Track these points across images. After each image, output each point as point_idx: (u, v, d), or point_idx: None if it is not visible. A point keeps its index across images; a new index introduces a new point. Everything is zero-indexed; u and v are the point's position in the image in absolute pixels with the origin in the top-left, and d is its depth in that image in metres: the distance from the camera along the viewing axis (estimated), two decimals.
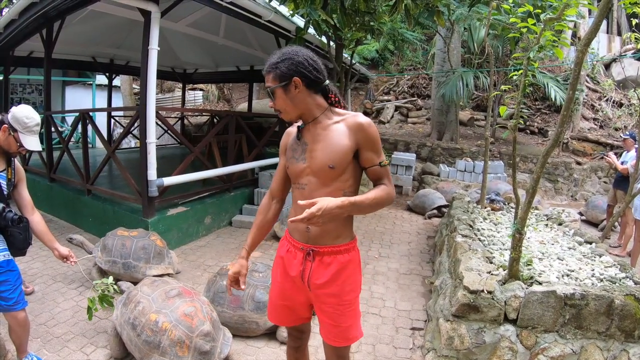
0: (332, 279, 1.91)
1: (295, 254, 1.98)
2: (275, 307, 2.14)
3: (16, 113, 2.57)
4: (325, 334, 2.01)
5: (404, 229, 6.65)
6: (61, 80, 12.00)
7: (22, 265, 4.46)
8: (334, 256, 1.92)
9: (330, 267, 1.92)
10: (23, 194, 2.79)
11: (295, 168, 1.94)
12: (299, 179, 1.94)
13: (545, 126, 12.34)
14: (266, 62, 1.87)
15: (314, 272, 1.92)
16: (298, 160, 1.93)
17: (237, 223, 6.46)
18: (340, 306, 1.95)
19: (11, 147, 2.60)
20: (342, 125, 1.87)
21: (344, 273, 1.93)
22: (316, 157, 1.87)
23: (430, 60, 13.83)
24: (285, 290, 2.06)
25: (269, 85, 1.85)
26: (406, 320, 3.76)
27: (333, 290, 1.93)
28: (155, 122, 4.81)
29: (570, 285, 2.84)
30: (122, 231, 4.31)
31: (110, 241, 4.15)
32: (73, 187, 6.30)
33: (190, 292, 3.06)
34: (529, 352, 2.77)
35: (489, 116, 5.95)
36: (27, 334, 2.87)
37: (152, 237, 4.34)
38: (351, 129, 1.85)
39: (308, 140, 1.92)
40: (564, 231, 4.46)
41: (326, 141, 1.86)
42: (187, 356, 2.69)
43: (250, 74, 11.16)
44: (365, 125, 1.85)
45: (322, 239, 1.91)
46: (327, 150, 1.85)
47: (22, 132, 2.58)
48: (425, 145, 10.63)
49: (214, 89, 17.92)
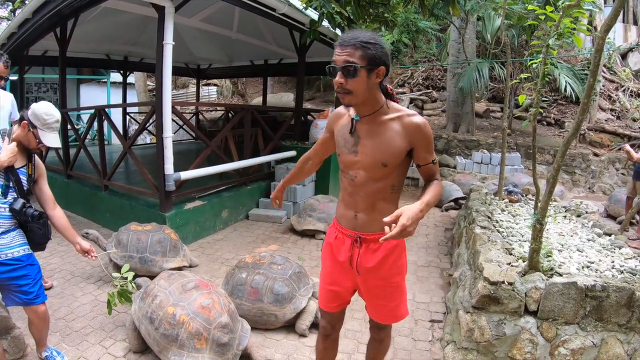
0: (379, 264, 2.01)
1: (343, 240, 2.06)
2: (325, 291, 2.23)
3: (36, 109, 2.57)
4: (374, 313, 2.19)
5: (421, 221, 6.54)
6: (76, 78, 12.13)
7: (41, 260, 4.50)
8: (380, 242, 1.96)
9: (377, 253, 2.00)
10: (44, 189, 2.81)
11: (345, 158, 1.99)
12: (348, 169, 1.99)
13: (561, 117, 12.13)
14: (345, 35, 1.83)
15: (362, 258, 2.01)
16: (350, 152, 1.96)
17: (254, 217, 6.48)
18: (388, 288, 2.08)
19: (31, 144, 2.61)
20: (397, 123, 1.89)
21: (390, 258, 2.02)
22: (368, 154, 1.91)
23: (445, 51, 13.69)
24: (334, 274, 2.16)
25: (352, 61, 1.75)
26: (425, 312, 3.74)
27: (381, 274, 2.03)
28: (171, 116, 4.83)
29: (590, 277, 2.78)
30: (136, 226, 4.32)
31: (125, 236, 4.15)
32: (90, 183, 6.37)
33: (207, 284, 3.06)
34: (549, 344, 2.72)
35: (507, 107, 5.86)
36: (47, 328, 2.90)
37: (166, 230, 4.36)
38: (407, 130, 1.88)
39: (361, 134, 1.94)
40: (582, 223, 4.38)
41: (380, 138, 1.90)
42: (205, 348, 2.70)
43: (264, 68, 11.16)
44: (422, 126, 1.88)
45: (369, 227, 1.98)
46: (381, 148, 1.89)
47: (42, 129, 2.58)
48: (441, 137, 10.53)
49: (228, 84, 17.96)
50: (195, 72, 12.61)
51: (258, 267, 3.53)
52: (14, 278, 2.59)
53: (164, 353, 2.73)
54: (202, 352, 2.69)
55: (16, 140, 2.58)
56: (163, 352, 2.73)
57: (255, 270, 3.50)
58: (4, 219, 2.54)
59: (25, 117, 2.57)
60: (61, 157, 6.75)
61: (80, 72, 12.23)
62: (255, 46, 8.86)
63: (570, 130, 2.73)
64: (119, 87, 11.79)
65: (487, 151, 9.46)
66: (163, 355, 2.73)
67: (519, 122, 11.87)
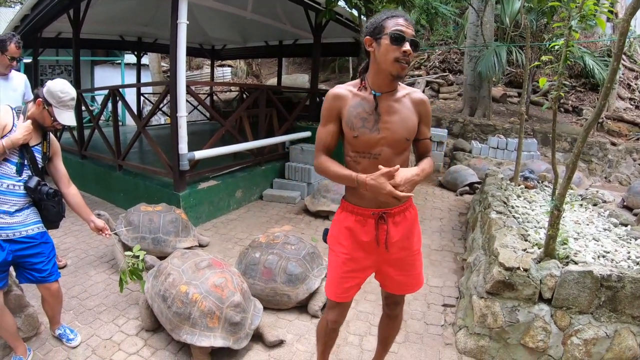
0: (404, 235, 2.08)
1: (365, 221, 2.04)
2: (340, 280, 2.15)
3: (51, 87, 2.54)
4: (395, 287, 2.23)
5: (435, 205, 6.56)
6: (90, 60, 12.13)
7: (55, 239, 4.52)
8: (402, 214, 2.06)
9: (401, 225, 2.06)
10: (59, 167, 2.80)
11: (368, 138, 1.95)
12: (370, 149, 1.97)
13: (579, 104, 11.89)
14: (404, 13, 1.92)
15: (391, 233, 2.03)
16: (372, 131, 1.94)
17: (268, 197, 6.49)
18: (411, 257, 2.16)
19: (45, 121, 2.59)
20: (407, 99, 1.99)
21: (412, 227, 2.13)
22: (393, 130, 1.95)
23: (462, 35, 13.45)
24: (356, 259, 2.11)
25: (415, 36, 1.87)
26: (438, 296, 3.73)
27: (406, 244, 2.11)
28: (185, 96, 4.81)
29: (606, 266, 2.73)
30: (146, 206, 4.31)
31: (136, 217, 4.15)
32: (104, 163, 6.40)
33: (220, 263, 3.07)
34: (562, 333, 2.69)
35: (525, 91, 5.74)
36: (60, 306, 2.94)
37: (176, 211, 4.37)
38: (415, 104, 1.99)
39: (382, 111, 1.95)
40: (599, 212, 4.31)
41: (401, 114, 1.96)
42: (218, 327, 2.72)
43: (279, 48, 11.04)
44: (426, 101, 2.04)
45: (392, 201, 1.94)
46: (404, 124, 1.96)
47: (57, 107, 2.56)
48: (457, 121, 10.40)
49: (242, 65, 17.88)
50: (209, 53, 12.55)
51: (272, 247, 3.53)
52: (28, 256, 2.61)
53: (176, 331, 2.75)
54: (214, 331, 2.70)
55: (31, 118, 2.56)
56: (175, 330, 2.75)
57: (268, 250, 3.50)
58: (19, 197, 2.53)
59: (40, 94, 2.54)
60: (75, 138, 6.78)
61: (94, 54, 12.22)
62: (270, 26, 8.76)
63: (592, 115, 2.66)
64: (133, 69, 11.80)
65: (503, 136, 9.32)
66: (175, 333, 2.75)
67: (536, 108, 11.68)
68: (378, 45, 1.87)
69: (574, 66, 11.29)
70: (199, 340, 2.66)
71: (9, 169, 2.47)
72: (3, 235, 2.48)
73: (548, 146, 9.67)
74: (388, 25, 1.84)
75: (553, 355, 2.72)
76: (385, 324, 2.46)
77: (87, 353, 2.86)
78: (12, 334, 2.61)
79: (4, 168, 2.46)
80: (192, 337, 2.67)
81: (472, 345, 2.90)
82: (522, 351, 2.78)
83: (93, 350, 2.89)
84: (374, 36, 1.88)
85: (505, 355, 2.83)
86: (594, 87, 12.04)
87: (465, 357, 2.91)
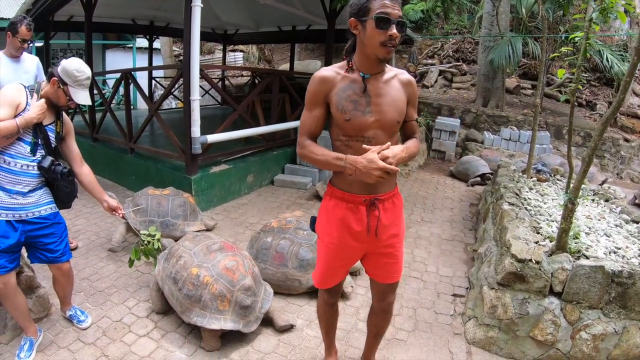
0: (393, 221, 2.06)
1: (357, 209, 1.99)
2: (330, 271, 2.18)
3: (67, 66, 2.51)
4: (386, 276, 2.17)
5: (447, 194, 6.55)
6: (101, 44, 12.09)
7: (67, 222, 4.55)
8: (391, 201, 2.04)
9: (389, 211, 2.04)
10: (72, 147, 2.79)
11: (360, 121, 1.88)
12: (363, 132, 1.90)
13: (594, 99, 11.73)
14: None
15: (382, 220, 2.00)
16: (364, 114, 1.88)
17: (279, 182, 6.50)
18: (399, 243, 2.13)
19: (60, 101, 2.57)
20: (396, 80, 1.96)
21: (399, 212, 2.11)
22: (384, 112, 1.90)
23: (477, 24, 13.29)
24: (347, 248, 2.08)
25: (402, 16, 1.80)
26: (448, 286, 3.74)
27: (395, 230, 2.08)
28: (199, 79, 4.79)
29: (617, 262, 2.72)
30: (153, 190, 4.28)
31: (144, 201, 4.09)
32: (116, 146, 6.42)
33: (231, 246, 3.07)
34: (571, 327, 2.69)
35: (540, 82, 5.66)
36: (71, 286, 2.95)
37: (184, 194, 4.36)
38: (404, 85, 1.96)
39: (372, 93, 1.89)
40: (610, 208, 4.27)
41: (391, 96, 1.91)
42: (228, 310, 2.73)
43: (292, 34, 10.96)
44: (413, 83, 2.00)
45: (381, 187, 1.98)
46: (395, 105, 1.92)
47: (73, 86, 2.53)
48: (470, 111, 10.32)
49: (254, 50, 17.80)
50: (222, 38, 12.48)
51: (283, 232, 3.54)
52: (41, 236, 2.61)
53: (186, 313, 2.76)
54: (225, 314, 2.72)
55: (44, 97, 2.53)
56: (186, 312, 2.77)
57: (280, 235, 3.51)
58: (32, 177, 2.52)
59: (55, 73, 2.51)
60: (87, 121, 6.79)
61: (106, 38, 12.16)
62: (283, 11, 8.67)
63: (610, 108, 2.63)
64: (145, 53, 11.78)
65: (515, 128, 9.25)
66: (185, 315, 2.77)
67: (550, 100, 11.55)
68: (363, 28, 1.79)
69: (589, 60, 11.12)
70: (209, 322, 2.68)
71: (22, 148, 2.45)
72: (16, 215, 2.48)
73: (561, 139, 9.58)
74: (373, 6, 1.74)
75: (561, 349, 2.72)
76: (378, 319, 2.39)
77: (98, 334, 2.89)
78: (23, 314, 2.63)
79: (18, 147, 2.44)
80: (203, 320, 2.69)
81: (481, 335, 2.91)
82: (530, 344, 2.79)
83: (103, 332, 2.92)
84: (359, 18, 1.78)
85: (514, 347, 2.83)
86: (608, 82, 11.88)
87: (474, 348, 2.92)
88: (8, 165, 2.43)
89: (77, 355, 2.68)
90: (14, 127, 2.34)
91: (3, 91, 2.45)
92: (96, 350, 2.74)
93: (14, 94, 2.43)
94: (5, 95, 2.40)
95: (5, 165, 2.42)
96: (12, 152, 2.43)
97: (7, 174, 2.43)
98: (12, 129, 2.33)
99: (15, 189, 2.46)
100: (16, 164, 2.44)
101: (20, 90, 2.46)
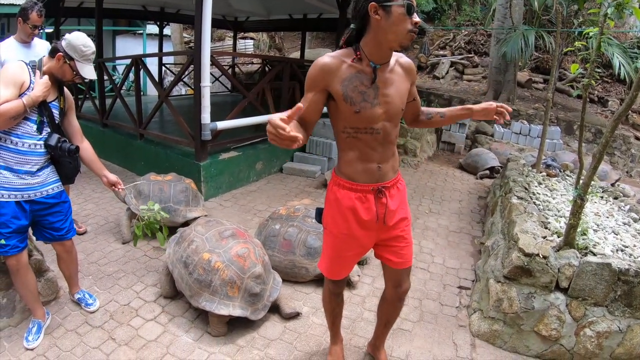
0: (400, 206, 2.08)
1: (366, 198, 1.99)
2: (340, 261, 2.17)
3: (73, 41, 2.48)
4: (400, 261, 2.15)
5: (455, 186, 6.53)
6: (111, 30, 12.07)
7: (76, 206, 4.66)
8: (395, 187, 2.06)
9: (395, 197, 2.06)
10: (73, 122, 2.76)
11: (370, 113, 1.84)
12: (372, 124, 1.87)
13: (605, 95, 11.60)
14: None
15: (389, 207, 2.02)
16: (373, 106, 1.84)
17: (288, 170, 6.52)
18: (407, 226, 2.15)
19: (65, 76, 2.54)
20: (398, 66, 1.93)
21: (403, 197, 2.13)
22: (391, 102, 1.87)
23: (490, 16, 13.16)
24: (357, 238, 2.07)
25: None
26: (454, 278, 3.75)
27: (402, 214, 2.10)
28: (209, 65, 4.78)
29: (624, 260, 2.71)
30: (155, 176, 4.26)
31: (146, 187, 4.09)
32: (125, 132, 6.43)
33: (244, 233, 3.08)
34: (575, 323, 2.69)
35: (553, 77, 5.61)
36: (76, 264, 2.97)
37: (186, 180, 4.34)
38: (406, 70, 1.95)
39: (380, 84, 1.84)
40: (619, 206, 4.24)
41: (396, 85, 1.89)
42: (237, 297, 2.75)
43: (303, 22, 10.83)
44: (413, 64, 2.00)
45: (388, 175, 2.01)
46: (399, 94, 1.90)
47: (79, 61, 2.51)
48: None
49: (265, 37, 17.74)
50: (232, 25, 12.40)
51: (292, 219, 3.55)
52: (47, 215, 2.63)
53: (195, 298, 2.78)
54: (234, 300, 2.74)
55: (48, 73, 2.49)
56: (195, 297, 2.79)
57: (288, 223, 3.52)
58: (39, 156, 2.52)
59: (59, 49, 2.48)
60: (97, 106, 6.80)
61: (116, 24, 12.11)
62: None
63: (623, 104, 2.60)
64: (155, 39, 11.72)
65: (526, 122, 9.18)
66: (194, 300, 2.79)
67: (562, 95, 11.43)
68: (387, 14, 1.69)
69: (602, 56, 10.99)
70: (217, 308, 2.70)
71: (29, 127, 2.44)
72: (25, 196, 2.49)
73: (571, 135, 9.50)
74: None
75: (565, 345, 2.73)
76: (389, 306, 2.38)
77: (105, 318, 2.92)
78: (33, 294, 2.66)
79: (25, 127, 2.42)
80: (211, 305, 2.71)
81: (486, 328, 2.92)
82: (534, 338, 2.79)
83: (111, 316, 2.95)
84: (381, 2, 1.69)
85: (518, 342, 2.84)
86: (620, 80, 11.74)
87: (478, 340, 2.93)
88: (15, 146, 2.41)
89: (85, 338, 2.72)
90: (21, 107, 2.31)
91: (5, 70, 2.40)
92: (103, 333, 2.78)
93: (18, 72, 2.38)
94: (9, 75, 2.35)
95: (13, 146, 2.41)
96: (18, 132, 2.41)
97: (15, 154, 2.42)
98: (20, 109, 2.31)
99: (24, 168, 2.46)
100: (23, 144, 2.43)
101: (23, 68, 2.42)
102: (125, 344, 2.70)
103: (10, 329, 2.73)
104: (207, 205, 5.04)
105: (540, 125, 8.67)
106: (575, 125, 9.46)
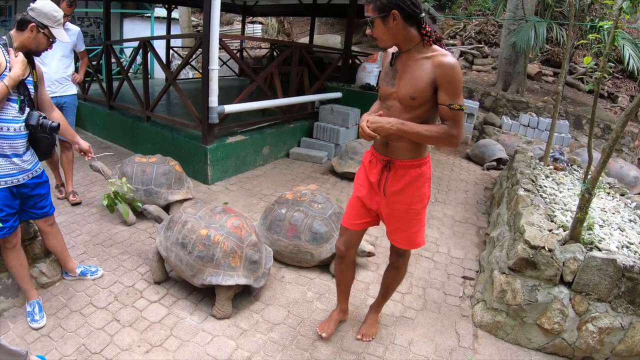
0: (403, 189, 2.23)
1: (376, 164, 2.30)
2: (352, 209, 2.47)
3: (42, 8, 2.46)
4: (394, 238, 2.44)
5: (462, 177, 6.50)
6: (119, 12, 11.96)
7: (82, 187, 4.72)
8: (406, 169, 2.21)
9: (403, 179, 2.22)
10: (43, 93, 2.72)
11: (385, 90, 2.18)
12: (386, 100, 2.20)
13: (616, 91, 11.48)
14: None
15: (389, 181, 2.24)
16: (388, 84, 2.15)
17: (295, 155, 6.49)
18: (408, 214, 2.30)
19: (41, 45, 2.52)
20: (428, 62, 2.00)
21: (414, 185, 2.23)
22: (402, 86, 2.08)
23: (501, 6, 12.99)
24: (365, 193, 2.39)
25: (368, 15, 1.98)
26: (458, 268, 3.75)
27: (403, 199, 2.26)
28: (218, 48, 4.74)
29: (629, 257, 2.70)
30: (140, 158, 4.27)
31: (130, 168, 4.12)
32: (132, 114, 6.40)
33: (231, 209, 3.15)
34: (578, 318, 2.69)
35: (563, 70, 5.54)
36: (62, 237, 3.01)
37: (170, 162, 4.32)
38: (434, 66, 1.98)
39: (399, 68, 2.10)
40: (625, 202, 4.21)
41: (412, 73, 2.04)
42: (239, 266, 2.81)
43: (312, 7, 10.75)
44: (446, 65, 1.95)
45: (397, 153, 2.20)
46: (412, 83, 2.03)
47: (53, 27, 2.50)
48: (490, 94, 10.13)
49: (273, 22, 17.62)
50: (241, 9, 12.32)
51: (298, 204, 3.55)
52: (32, 196, 2.65)
53: (198, 276, 2.80)
54: (237, 270, 2.80)
55: (21, 49, 2.44)
56: (198, 274, 2.80)
57: (295, 207, 3.52)
58: (23, 138, 2.50)
59: (29, 19, 2.44)
60: (104, 89, 6.77)
61: (124, 7, 11.97)
62: None
63: (634, 102, 2.57)
64: (163, 23, 11.64)
65: (535, 114, 9.10)
66: (197, 278, 2.81)
67: (571, 89, 11.33)
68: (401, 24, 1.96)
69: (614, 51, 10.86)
70: (224, 279, 2.75)
71: (12, 109, 2.39)
72: (15, 181, 2.49)
73: (580, 129, 9.43)
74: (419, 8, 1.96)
75: (567, 339, 2.74)
76: (389, 274, 2.67)
77: (110, 299, 2.95)
78: (27, 273, 2.70)
79: (9, 110, 2.38)
80: (217, 278, 2.75)
81: (489, 319, 2.93)
82: (537, 331, 2.80)
83: (115, 297, 2.97)
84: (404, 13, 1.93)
85: (520, 334, 2.85)
86: (631, 75, 11.61)
87: (480, 331, 2.95)
88: (1, 131, 2.37)
89: (89, 319, 2.75)
90: (5, 90, 2.27)
91: None
92: (108, 314, 2.80)
93: None
94: None
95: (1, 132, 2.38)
96: (3, 116, 2.36)
97: (3, 140, 2.39)
98: (3, 92, 2.26)
99: (14, 152, 2.45)
100: (9, 128, 2.39)
101: None
102: (129, 325, 2.72)
103: (15, 309, 2.76)
104: (213, 188, 5.05)
105: (548, 118, 8.58)
106: (584, 120, 9.38)
